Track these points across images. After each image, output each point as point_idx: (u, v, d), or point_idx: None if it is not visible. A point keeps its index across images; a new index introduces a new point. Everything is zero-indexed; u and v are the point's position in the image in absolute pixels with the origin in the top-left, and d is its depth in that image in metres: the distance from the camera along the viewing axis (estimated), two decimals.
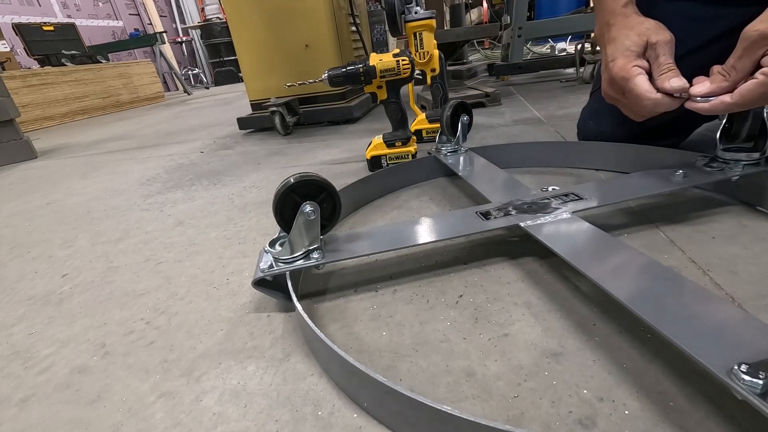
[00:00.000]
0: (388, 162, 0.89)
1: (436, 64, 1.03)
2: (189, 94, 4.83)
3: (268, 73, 1.56)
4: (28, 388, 0.40)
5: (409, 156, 0.87)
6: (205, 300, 0.51)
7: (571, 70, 2.03)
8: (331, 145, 1.25)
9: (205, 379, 0.38)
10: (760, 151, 0.50)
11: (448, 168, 0.76)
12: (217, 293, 0.52)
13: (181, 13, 6.97)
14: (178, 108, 3.42)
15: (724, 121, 0.52)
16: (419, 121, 1.11)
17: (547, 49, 2.93)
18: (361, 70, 0.81)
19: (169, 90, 6.33)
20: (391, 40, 3.08)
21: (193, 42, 7.07)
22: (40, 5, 4.92)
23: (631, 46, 0.50)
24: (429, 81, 1.06)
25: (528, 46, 2.48)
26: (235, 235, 0.69)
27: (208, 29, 6.05)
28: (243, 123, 1.66)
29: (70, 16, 5.22)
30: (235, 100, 3.26)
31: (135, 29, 6.18)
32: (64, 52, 3.74)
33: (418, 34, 0.99)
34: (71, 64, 3.69)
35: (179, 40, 6.78)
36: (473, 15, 3.23)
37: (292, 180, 0.43)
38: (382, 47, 3.01)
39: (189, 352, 0.42)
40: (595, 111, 0.77)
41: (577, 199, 0.51)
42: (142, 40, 4.90)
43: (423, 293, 0.46)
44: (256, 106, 1.64)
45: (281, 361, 0.39)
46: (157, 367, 0.41)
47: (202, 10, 6.39)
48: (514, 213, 0.50)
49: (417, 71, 0.97)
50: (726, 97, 0.43)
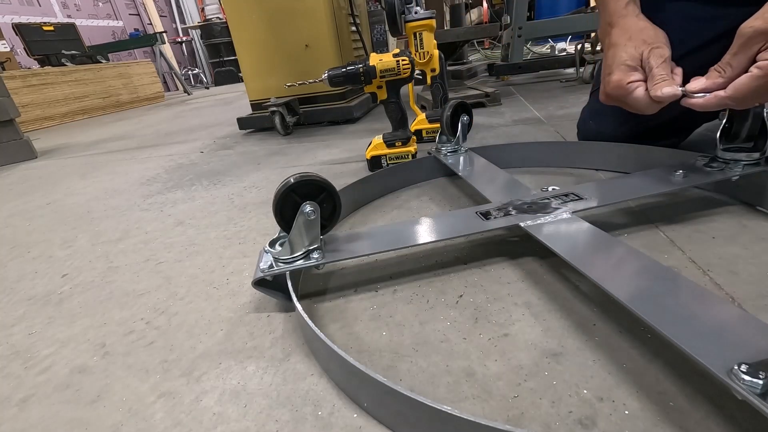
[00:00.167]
0: (388, 162, 0.89)
1: (436, 64, 1.03)
2: (189, 94, 4.83)
3: (268, 73, 1.56)
4: (28, 388, 0.40)
5: (409, 156, 0.87)
6: (205, 300, 0.51)
7: (571, 70, 2.03)
8: (331, 145, 1.25)
9: (205, 379, 0.38)
10: (760, 151, 0.50)
11: (448, 168, 0.76)
12: (217, 293, 0.52)
13: (181, 13, 6.97)
14: (178, 108, 3.42)
15: (724, 121, 0.52)
16: (419, 121, 1.11)
17: (547, 49, 2.93)
18: (361, 70, 0.81)
19: (169, 90, 6.33)
20: (391, 40, 3.08)
21: (193, 42, 7.07)
22: (40, 5, 4.92)
23: (627, 60, 0.50)
24: (429, 81, 1.06)
25: (528, 46, 2.48)
26: (235, 235, 0.69)
27: (208, 29, 6.05)
28: (243, 123, 1.66)
29: (70, 16, 5.22)
30: (235, 100, 3.26)
31: (135, 29, 6.18)
32: (64, 52, 3.75)
33: (418, 34, 0.99)
34: (71, 64, 3.69)
35: (179, 40, 6.78)
36: (473, 15, 3.23)
37: (292, 180, 0.43)
38: (382, 47, 3.01)
39: (189, 352, 0.42)
40: (595, 111, 0.77)
41: (577, 199, 0.51)
42: (142, 40, 4.90)
43: (423, 293, 0.46)
44: (256, 106, 1.64)
45: (281, 361, 0.39)
46: (157, 367, 0.41)
47: (202, 10, 6.39)
48: (514, 213, 0.50)
49: (417, 71, 0.97)
50: (720, 92, 0.43)
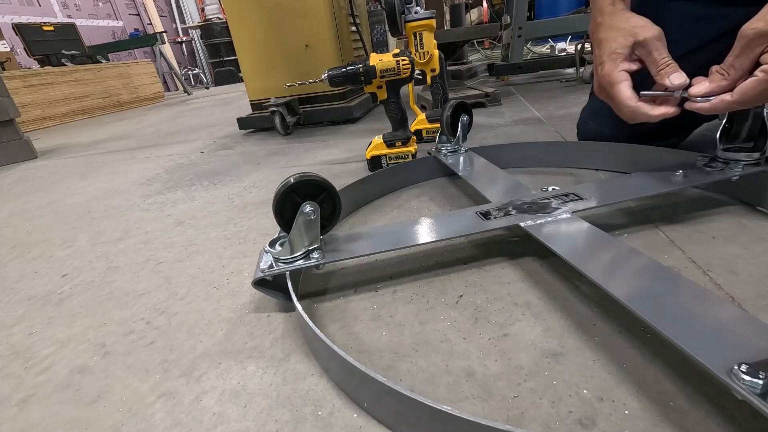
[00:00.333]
0: (388, 162, 0.89)
1: (436, 64, 1.03)
2: (189, 94, 4.83)
3: (268, 73, 1.56)
4: (28, 388, 0.40)
5: (409, 156, 0.87)
6: (205, 300, 0.51)
7: (571, 70, 2.03)
8: (331, 145, 1.25)
9: (205, 379, 0.38)
10: (760, 151, 0.50)
11: (448, 168, 0.76)
12: (217, 293, 0.52)
13: (181, 13, 6.97)
14: (178, 108, 3.42)
15: (724, 121, 0.52)
16: (419, 121, 1.11)
17: (547, 49, 2.93)
18: (361, 70, 0.81)
19: (169, 90, 6.33)
20: (391, 40, 3.08)
21: (193, 42, 7.07)
22: (40, 5, 4.93)
23: (617, 48, 0.50)
24: (429, 81, 1.06)
25: (528, 46, 2.48)
26: (235, 235, 0.69)
27: (208, 29, 6.05)
28: (243, 123, 1.66)
29: (70, 16, 5.23)
30: (235, 100, 3.26)
31: (135, 29, 6.18)
32: (64, 52, 3.75)
33: (418, 34, 0.99)
34: (71, 64, 3.69)
35: (179, 40, 6.78)
36: (473, 15, 3.23)
37: (292, 180, 0.43)
38: (382, 47, 3.01)
39: (189, 352, 0.42)
40: (595, 111, 0.77)
41: (577, 199, 0.51)
42: (142, 40, 4.90)
43: (423, 293, 0.46)
44: (256, 106, 1.64)
45: (281, 361, 0.39)
46: (157, 367, 0.41)
47: (202, 10, 6.39)
48: (514, 213, 0.50)
49: (417, 71, 0.97)
50: (726, 96, 0.43)
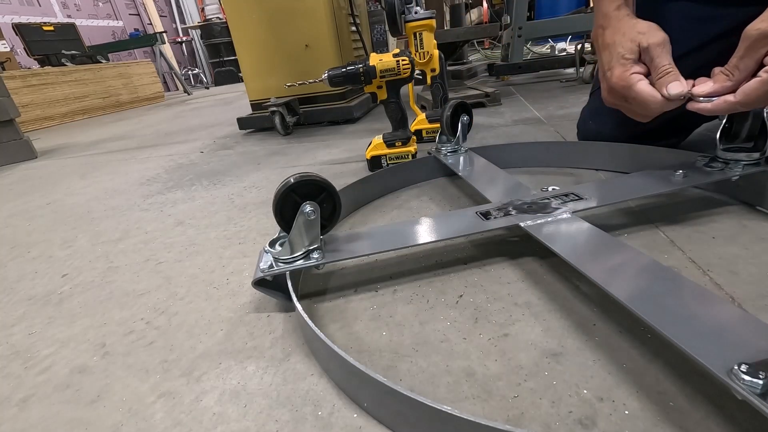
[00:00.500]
0: (388, 162, 0.89)
1: (436, 64, 1.03)
2: (189, 94, 4.83)
3: (268, 73, 1.56)
4: (28, 388, 0.40)
5: (409, 156, 0.87)
6: (205, 300, 0.51)
7: (571, 70, 2.03)
8: (331, 145, 1.25)
9: (205, 379, 0.38)
10: (760, 151, 0.50)
11: (448, 168, 0.76)
12: (217, 293, 0.52)
13: (181, 13, 6.97)
14: (178, 108, 3.42)
15: (724, 121, 0.52)
16: (419, 121, 1.11)
17: (547, 49, 2.93)
18: (361, 70, 0.81)
19: (169, 90, 6.33)
20: (391, 40, 3.08)
21: (193, 42, 7.07)
22: (40, 5, 4.92)
23: (625, 53, 0.49)
24: (429, 81, 1.06)
25: (528, 46, 2.48)
26: (235, 235, 0.69)
27: (208, 29, 6.05)
28: (243, 123, 1.66)
29: (70, 16, 5.23)
30: (235, 100, 3.26)
31: (135, 29, 6.18)
32: (64, 52, 3.75)
33: (418, 34, 0.99)
34: (71, 64, 3.69)
35: (179, 40, 6.78)
36: (473, 15, 3.23)
37: (292, 180, 0.43)
38: (382, 47, 3.01)
39: (189, 352, 0.42)
40: (595, 111, 0.77)
41: (577, 199, 0.51)
42: (142, 40, 4.90)
43: (423, 293, 0.46)
44: (256, 106, 1.64)
45: (281, 361, 0.39)
46: (157, 367, 0.41)
47: (202, 10, 6.39)
48: (514, 213, 0.50)
49: (417, 71, 0.97)
50: (729, 97, 0.43)
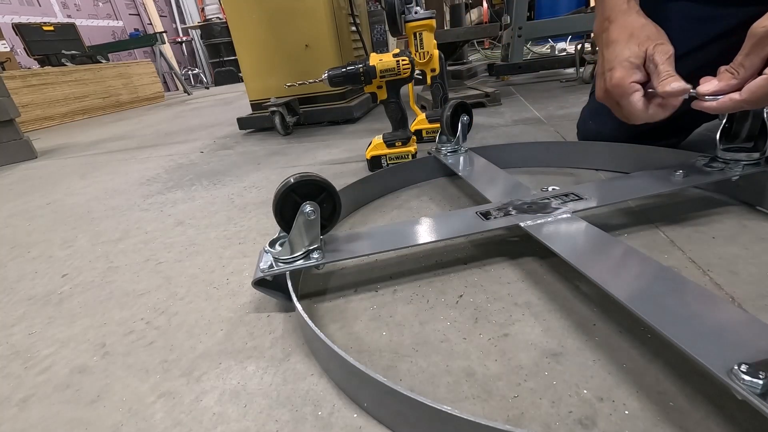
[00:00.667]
0: (388, 162, 0.89)
1: (436, 64, 1.03)
2: (189, 94, 4.83)
3: (268, 73, 1.56)
4: (28, 388, 0.40)
5: (409, 156, 0.87)
6: (205, 300, 0.51)
7: (571, 70, 2.03)
8: (331, 145, 1.25)
9: (205, 379, 0.38)
10: (760, 151, 0.50)
11: (448, 168, 0.76)
12: (217, 293, 0.52)
13: (181, 13, 6.97)
14: (178, 108, 3.42)
15: (724, 121, 0.52)
16: (419, 121, 1.11)
17: (547, 49, 2.93)
18: (361, 70, 0.81)
19: (169, 90, 6.33)
20: (391, 40, 3.08)
21: (193, 42, 7.07)
22: (40, 5, 4.92)
23: (630, 57, 0.48)
24: (429, 81, 1.06)
25: (528, 46, 2.48)
26: (235, 235, 0.69)
27: (208, 29, 6.05)
28: (243, 123, 1.66)
29: (70, 16, 5.22)
30: (235, 100, 3.26)
31: (135, 29, 6.18)
32: (64, 52, 3.75)
33: (418, 34, 0.99)
34: (71, 64, 3.69)
35: (179, 40, 6.78)
36: (473, 15, 3.23)
37: (292, 180, 0.43)
38: (382, 47, 3.01)
39: (189, 352, 0.42)
40: (595, 111, 0.77)
41: (577, 199, 0.51)
42: (142, 40, 4.90)
43: (423, 293, 0.46)
44: (256, 106, 1.64)
45: (281, 361, 0.39)
46: (157, 367, 0.41)
47: (202, 10, 6.39)
48: (514, 213, 0.50)
49: (417, 71, 0.97)
50: (735, 95, 0.42)
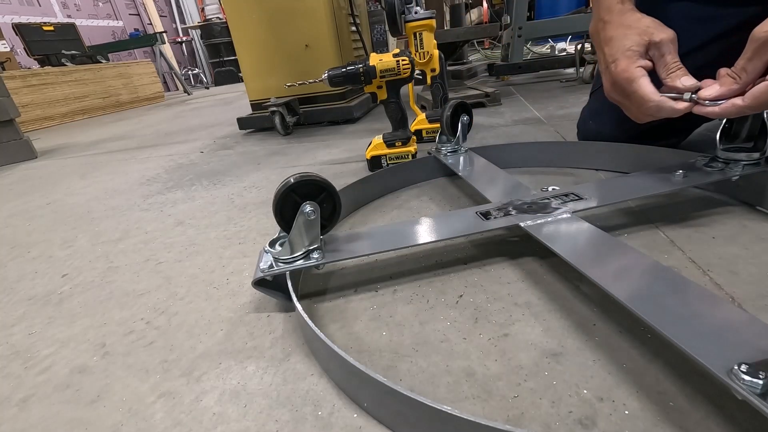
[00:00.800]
0: (388, 162, 0.89)
1: (436, 64, 1.03)
2: (189, 94, 4.83)
3: (268, 73, 1.56)
4: (28, 388, 0.40)
5: (409, 156, 0.87)
6: (205, 300, 0.51)
7: (571, 70, 2.03)
8: (331, 145, 1.25)
9: (205, 379, 0.38)
10: (760, 151, 0.50)
11: (448, 168, 0.76)
12: (217, 293, 0.52)
13: (181, 13, 6.97)
14: (178, 108, 3.42)
15: (724, 121, 0.52)
16: (419, 121, 1.11)
17: (547, 49, 2.93)
18: (361, 70, 0.81)
19: (169, 90, 6.33)
20: (391, 40, 3.08)
21: (193, 42, 7.07)
22: (40, 5, 4.92)
23: (632, 46, 0.48)
24: (429, 81, 1.06)
25: (528, 46, 2.48)
26: (235, 235, 0.69)
27: (208, 29, 6.05)
28: (243, 123, 1.66)
29: (70, 16, 5.22)
30: (235, 100, 3.26)
31: (135, 29, 6.18)
32: (64, 52, 3.75)
33: (418, 34, 0.99)
34: (71, 64, 3.69)
35: (179, 40, 6.78)
36: (473, 15, 3.23)
37: (292, 180, 0.43)
38: (382, 47, 3.01)
39: (189, 352, 0.42)
40: (595, 111, 0.77)
41: (577, 199, 0.51)
42: (142, 40, 4.90)
43: (423, 293, 0.46)
44: (256, 106, 1.64)
45: (281, 361, 0.39)
46: (157, 367, 0.41)
47: (202, 10, 6.39)
48: (514, 213, 0.50)
49: (417, 71, 0.97)
50: (737, 100, 0.42)
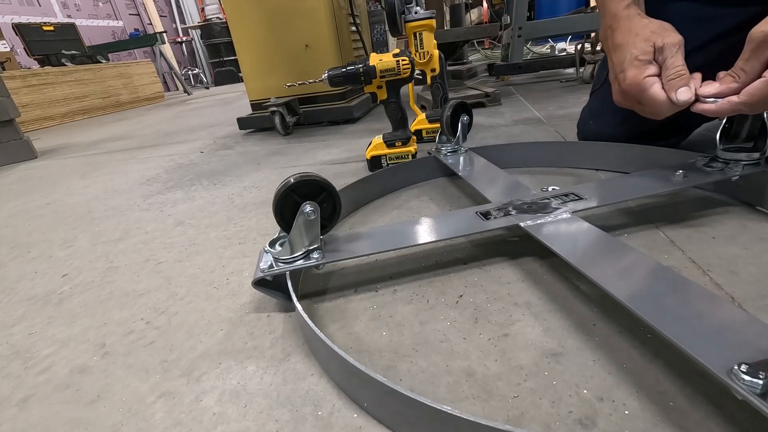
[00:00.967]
0: (388, 162, 0.89)
1: (436, 64, 1.03)
2: (189, 94, 4.83)
3: (268, 73, 1.56)
4: (28, 388, 0.40)
5: (409, 156, 0.87)
6: (205, 300, 0.51)
7: (571, 70, 2.03)
8: (331, 145, 1.25)
9: (205, 379, 0.38)
10: (760, 151, 0.50)
11: (448, 168, 0.76)
12: (217, 293, 0.52)
13: (181, 13, 6.97)
14: (178, 108, 3.42)
15: (724, 121, 0.52)
16: (419, 121, 1.11)
17: (547, 49, 2.93)
18: (361, 70, 0.81)
19: (169, 90, 6.33)
20: (391, 40, 3.08)
21: (193, 42, 7.07)
22: (40, 5, 4.92)
23: (638, 54, 0.48)
24: (429, 81, 1.06)
25: (528, 46, 2.48)
26: (235, 235, 0.69)
27: (208, 29, 6.05)
28: (243, 123, 1.66)
29: (70, 16, 5.22)
30: (235, 100, 3.26)
31: (135, 29, 6.18)
32: (64, 52, 3.75)
33: (418, 34, 0.99)
34: (71, 64, 3.69)
35: (179, 40, 6.78)
36: (473, 15, 3.23)
37: (292, 180, 0.43)
38: (382, 47, 3.01)
39: (189, 352, 0.42)
40: (595, 111, 0.77)
41: (577, 199, 0.51)
42: (142, 40, 4.90)
43: (423, 293, 0.46)
44: (256, 106, 1.64)
45: (281, 361, 0.39)
46: (157, 367, 0.41)
47: (202, 10, 6.39)
48: (514, 213, 0.50)
49: (417, 71, 0.97)
50: (733, 98, 0.43)
